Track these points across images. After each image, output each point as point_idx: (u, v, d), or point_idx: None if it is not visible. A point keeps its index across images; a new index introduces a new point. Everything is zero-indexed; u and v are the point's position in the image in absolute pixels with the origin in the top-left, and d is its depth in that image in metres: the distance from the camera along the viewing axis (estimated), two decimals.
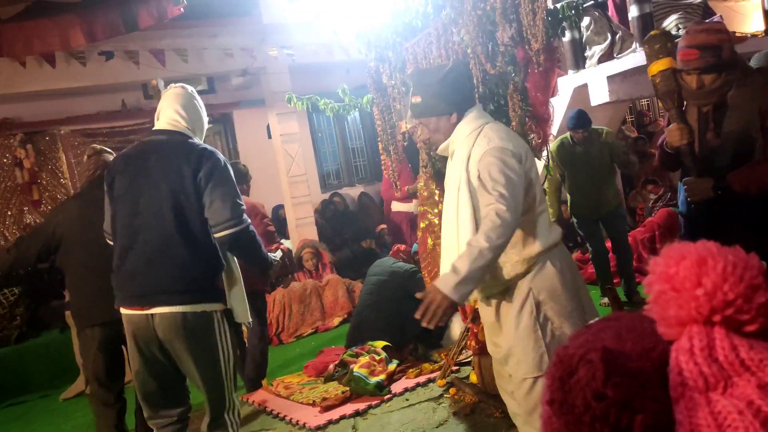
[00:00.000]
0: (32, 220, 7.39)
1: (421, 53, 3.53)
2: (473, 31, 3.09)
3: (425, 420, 3.66)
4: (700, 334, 0.68)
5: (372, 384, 4.11)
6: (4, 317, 5.94)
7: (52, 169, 7.51)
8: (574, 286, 2.28)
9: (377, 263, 5.16)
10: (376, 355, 4.38)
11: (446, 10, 3.30)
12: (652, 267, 0.72)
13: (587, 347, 0.71)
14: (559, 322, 2.25)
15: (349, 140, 9.68)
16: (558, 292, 2.25)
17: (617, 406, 0.67)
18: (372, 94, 4.02)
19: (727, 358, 0.67)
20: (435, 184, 3.72)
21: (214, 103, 8.27)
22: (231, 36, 7.30)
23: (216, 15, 7.06)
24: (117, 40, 6.34)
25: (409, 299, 4.84)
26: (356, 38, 4.03)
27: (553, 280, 2.25)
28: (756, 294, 0.67)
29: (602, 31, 5.19)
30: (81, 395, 5.27)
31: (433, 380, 4.18)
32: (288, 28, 7.33)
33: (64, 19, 5.81)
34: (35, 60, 6.39)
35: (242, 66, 7.50)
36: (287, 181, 7.72)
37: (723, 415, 0.65)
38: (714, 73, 2.42)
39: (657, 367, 0.71)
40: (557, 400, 0.70)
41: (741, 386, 0.66)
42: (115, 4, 5.87)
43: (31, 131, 7.36)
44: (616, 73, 4.80)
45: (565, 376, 0.70)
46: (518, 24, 2.99)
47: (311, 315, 6.35)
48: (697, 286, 0.68)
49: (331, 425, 3.81)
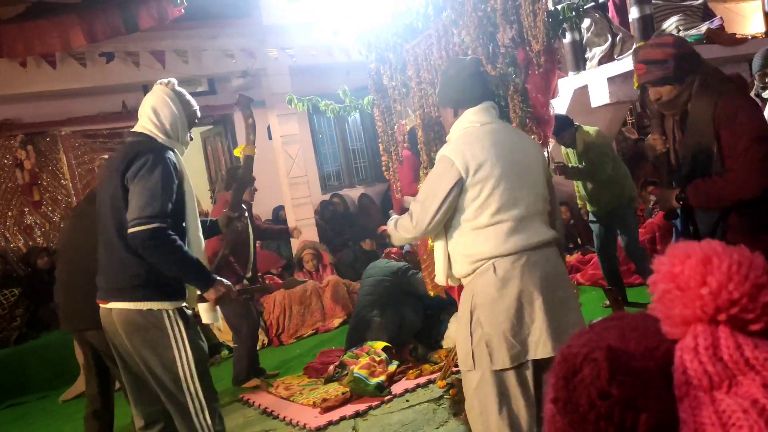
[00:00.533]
0: (33, 221, 7.39)
1: (422, 55, 3.53)
2: (474, 33, 3.09)
3: (425, 421, 3.66)
4: (704, 333, 0.68)
5: (372, 385, 4.11)
6: (4, 318, 5.94)
7: (53, 170, 7.51)
8: (517, 301, 2.24)
9: (371, 265, 5.22)
10: (377, 356, 4.38)
11: (447, 11, 3.30)
12: (657, 266, 0.72)
13: (591, 346, 0.71)
14: (488, 329, 2.26)
15: (350, 141, 9.68)
16: (492, 301, 2.26)
17: (621, 404, 0.67)
18: (372, 95, 4.02)
19: (731, 357, 0.67)
20: None
21: (215, 104, 8.28)
22: (231, 37, 7.30)
23: (216, 16, 7.07)
24: (117, 41, 6.35)
25: (405, 296, 4.90)
26: (356, 39, 4.03)
27: (491, 288, 2.26)
28: (761, 293, 0.67)
29: (602, 32, 5.20)
30: (80, 397, 5.27)
31: (434, 381, 4.18)
32: (288, 30, 7.33)
33: (64, 19, 5.81)
34: (35, 61, 6.40)
35: (242, 67, 7.51)
36: (287, 182, 7.72)
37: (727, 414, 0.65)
38: (668, 85, 2.45)
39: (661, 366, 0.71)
40: (561, 398, 0.70)
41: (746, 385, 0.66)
42: (116, 4, 5.88)
43: (32, 132, 7.35)
44: (617, 75, 4.81)
45: (570, 375, 0.70)
46: (519, 25, 2.99)
47: (311, 316, 6.35)
48: (701, 285, 0.68)
49: (332, 426, 3.81)
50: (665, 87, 2.46)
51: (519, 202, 2.28)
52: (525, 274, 2.25)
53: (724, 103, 2.36)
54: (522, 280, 2.25)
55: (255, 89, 8.21)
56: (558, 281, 2.35)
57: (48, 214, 7.35)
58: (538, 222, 2.36)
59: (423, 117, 3.58)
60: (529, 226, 2.30)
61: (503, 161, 2.28)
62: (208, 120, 8.47)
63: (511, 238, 2.26)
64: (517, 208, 2.27)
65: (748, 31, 6.92)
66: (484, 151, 2.27)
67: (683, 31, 4.95)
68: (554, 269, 2.35)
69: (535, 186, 2.37)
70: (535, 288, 2.25)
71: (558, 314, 2.26)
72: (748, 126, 2.32)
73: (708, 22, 4.99)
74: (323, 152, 9.44)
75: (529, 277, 2.25)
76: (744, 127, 2.32)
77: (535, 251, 2.29)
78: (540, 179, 2.40)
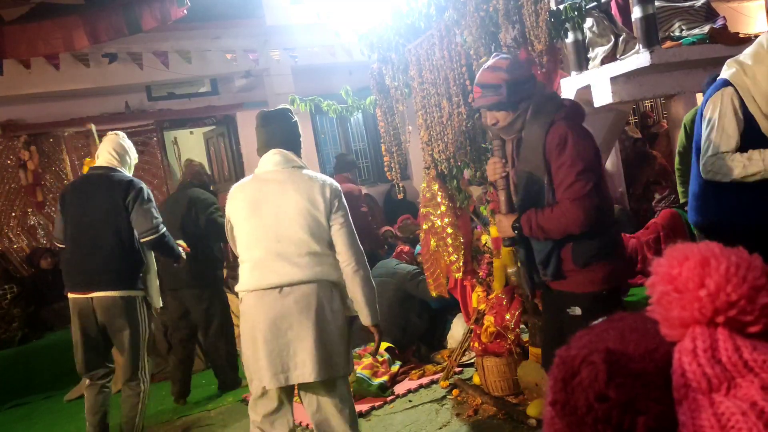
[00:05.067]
0: (36, 221, 7.41)
1: (424, 55, 3.53)
2: (476, 33, 3.09)
3: (428, 421, 3.66)
4: (703, 335, 0.68)
5: (375, 385, 4.11)
6: (3, 319, 5.95)
7: (56, 171, 7.53)
8: (251, 333, 2.51)
9: (380, 264, 5.15)
10: (379, 357, 4.38)
11: (449, 11, 3.30)
12: (655, 268, 0.72)
13: (590, 348, 0.71)
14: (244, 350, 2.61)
15: (352, 142, 9.68)
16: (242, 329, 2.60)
17: (620, 407, 0.67)
18: (375, 95, 4.02)
19: (730, 359, 0.66)
20: (437, 185, 3.72)
21: (217, 104, 8.29)
22: (234, 38, 7.31)
23: (219, 17, 7.08)
24: (120, 42, 6.36)
25: (410, 299, 4.87)
26: (359, 40, 4.03)
27: (244, 315, 2.58)
28: (759, 295, 0.66)
29: (605, 32, 5.18)
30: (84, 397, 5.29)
31: (436, 382, 4.18)
32: (291, 30, 7.34)
33: (67, 21, 5.82)
34: (39, 62, 6.41)
35: (245, 68, 7.52)
36: None
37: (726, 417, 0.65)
38: (503, 110, 2.40)
39: (660, 369, 0.71)
40: (560, 401, 0.70)
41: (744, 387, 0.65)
42: (119, 6, 5.89)
43: (35, 133, 7.37)
44: (619, 74, 4.80)
45: (568, 378, 0.70)
46: (521, 25, 2.99)
47: None
48: (700, 287, 0.68)
49: None
50: (500, 112, 2.42)
51: (258, 245, 2.51)
52: (258, 311, 2.50)
53: (553, 133, 2.32)
54: (254, 316, 2.51)
55: (257, 89, 8.22)
56: (290, 322, 2.47)
57: (51, 215, 7.36)
58: (285, 263, 2.49)
59: (425, 117, 3.58)
60: (270, 266, 2.50)
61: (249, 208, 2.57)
62: (211, 120, 8.48)
63: (250, 277, 2.54)
64: (256, 250, 2.52)
65: (751, 31, 6.90)
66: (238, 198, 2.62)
67: (686, 31, 4.94)
68: (290, 310, 2.47)
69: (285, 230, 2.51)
70: (262, 326, 2.49)
71: (283, 353, 2.47)
72: (576, 158, 2.27)
73: (711, 21, 4.97)
74: (326, 152, 9.44)
75: (259, 314, 2.49)
76: (571, 160, 2.28)
77: (271, 291, 2.47)
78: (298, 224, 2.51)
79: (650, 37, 4.56)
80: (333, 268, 2.56)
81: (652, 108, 9.67)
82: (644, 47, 4.58)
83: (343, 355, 2.57)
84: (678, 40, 4.85)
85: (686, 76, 4.93)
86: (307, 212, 2.52)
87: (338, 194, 2.59)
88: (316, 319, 2.48)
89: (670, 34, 4.98)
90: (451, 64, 3.34)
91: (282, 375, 2.47)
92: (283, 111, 2.79)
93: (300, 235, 2.51)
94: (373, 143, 9.51)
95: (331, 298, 2.56)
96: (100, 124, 7.73)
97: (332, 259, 2.57)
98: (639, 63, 4.60)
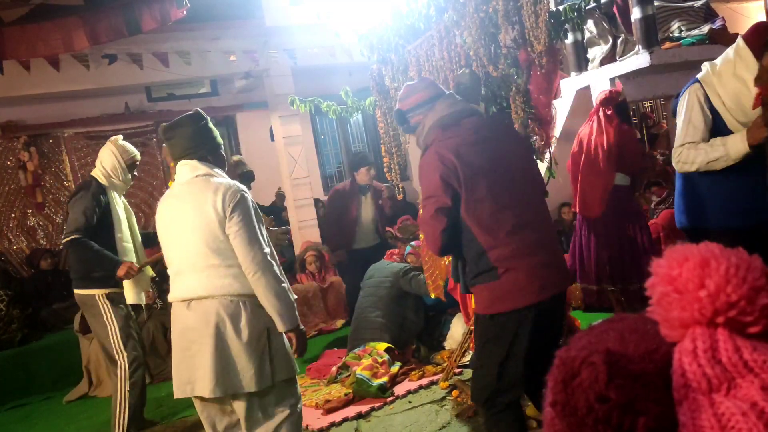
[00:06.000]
0: (35, 222, 7.41)
1: (424, 56, 3.54)
2: (475, 34, 3.09)
3: (428, 422, 3.66)
4: (703, 336, 0.68)
5: (375, 386, 4.11)
6: (2, 319, 5.95)
7: (56, 172, 7.53)
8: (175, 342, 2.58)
9: (373, 267, 5.20)
10: (379, 358, 4.38)
11: (448, 12, 3.30)
12: (655, 269, 0.72)
13: (590, 349, 0.71)
14: None
15: (352, 143, 9.68)
16: None
17: (620, 408, 0.67)
18: (374, 96, 4.02)
19: (730, 360, 0.66)
20: None
21: (217, 105, 8.29)
22: (234, 39, 7.31)
23: (219, 18, 7.07)
24: (120, 42, 6.35)
25: (406, 297, 4.90)
26: (359, 41, 4.04)
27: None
28: (759, 296, 0.66)
29: (604, 33, 5.19)
30: (84, 398, 5.28)
31: (436, 382, 4.18)
32: (290, 31, 7.33)
33: (67, 22, 5.82)
34: (39, 63, 6.41)
35: (245, 68, 7.52)
36: (290, 183, 7.72)
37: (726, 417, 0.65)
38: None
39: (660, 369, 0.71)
40: (560, 402, 0.70)
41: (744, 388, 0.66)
42: (118, 7, 5.88)
43: (35, 134, 7.38)
44: (619, 75, 4.80)
45: (568, 379, 0.70)
46: (521, 26, 2.98)
47: (314, 317, 6.35)
48: (700, 288, 0.68)
49: (334, 427, 3.81)
50: None
51: (174, 259, 2.57)
52: (174, 322, 2.57)
53: (422, 156, 2.44)
54: (172, 326, 2.59)
55: (257, 90, 8.22)
56: (193, 336, 2.48)
57: (51, 216, 7.37)
58: (189, 277, 2.50)
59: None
60: (181, 280, 2.54)
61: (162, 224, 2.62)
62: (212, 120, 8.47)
63: (171, 288, 2.60)
64: (173, 264, 2.58)
65: None
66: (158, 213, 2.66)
67: (685, 32, 4.94)
68: (194, 323, 2.48)
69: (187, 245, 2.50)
70: (174, 336, 2.57)
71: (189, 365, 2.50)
72: (425, 183, 2.39)
73: (710, 22, 4.97)
74: (325, 153, 9.45)
75: (174, 325, 2.57)
76: (423, 183, 2.41)
77: (182, 303, 2.51)
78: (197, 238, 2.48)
79: (650, 37, 4.57)
80: (236, 279, 2.47)
81: (652, 109, 9.67)
82: (644, 48, 4.58)
83: (251, 371, 2.45)
84: (677, 40, 4.85)
85: (686, 77, 4.89)
86: (203, 226, 2.46)
87: (234, 200, 2.46)
88: (215, 334, 2.44)
89: (669, 34, 4.98)
90: (450, 65, 3.34)
91: (188, 386, 2.50)
92: (184, 118, 2.69)
93: (199, 249, 2.47)
94: (372, 144, 9.51)
95: (237, 312, 2.46)
96: (99, 125, 7.77)
97: (236, 269, 2.47)
98: (638, 64, 4.61)
